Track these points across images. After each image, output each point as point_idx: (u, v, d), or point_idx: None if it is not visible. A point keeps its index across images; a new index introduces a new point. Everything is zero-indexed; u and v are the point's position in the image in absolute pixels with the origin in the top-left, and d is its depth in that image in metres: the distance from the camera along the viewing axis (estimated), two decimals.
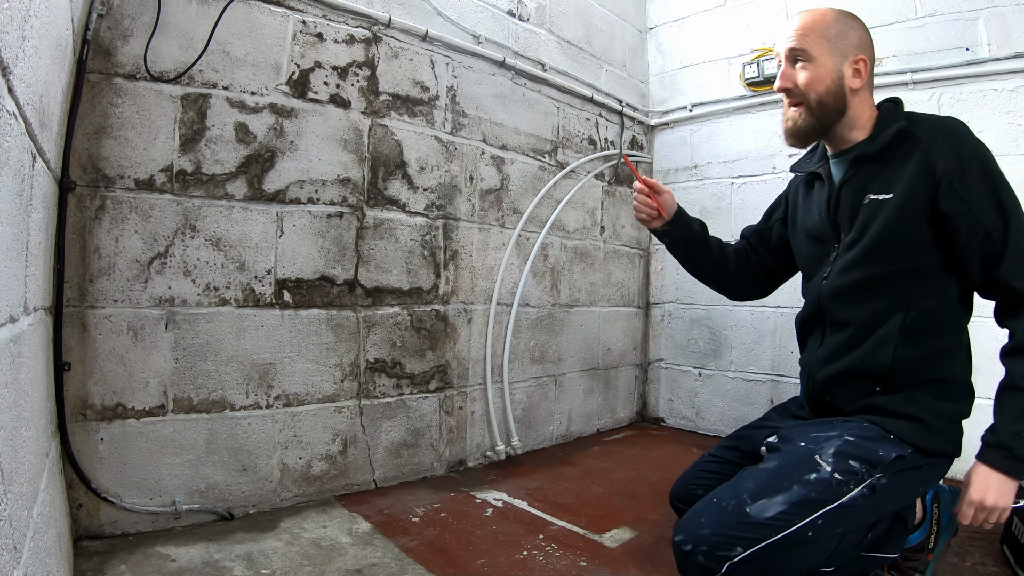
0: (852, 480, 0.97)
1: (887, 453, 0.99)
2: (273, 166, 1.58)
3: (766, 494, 0.96)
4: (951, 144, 1.01)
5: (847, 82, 1.08)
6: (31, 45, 0.73)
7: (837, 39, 1.07)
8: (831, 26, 1.07)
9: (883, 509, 1.03)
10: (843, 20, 1.09)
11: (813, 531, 0.95)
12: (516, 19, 2.23)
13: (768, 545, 0.93)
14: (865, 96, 1.11)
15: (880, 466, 0.98)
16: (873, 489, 0.98)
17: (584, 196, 2.51)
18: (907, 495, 1.06)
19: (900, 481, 1.01)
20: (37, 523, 0.77)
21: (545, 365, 2.35)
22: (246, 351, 1.54)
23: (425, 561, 1.32)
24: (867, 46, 1.09)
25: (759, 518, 0.93)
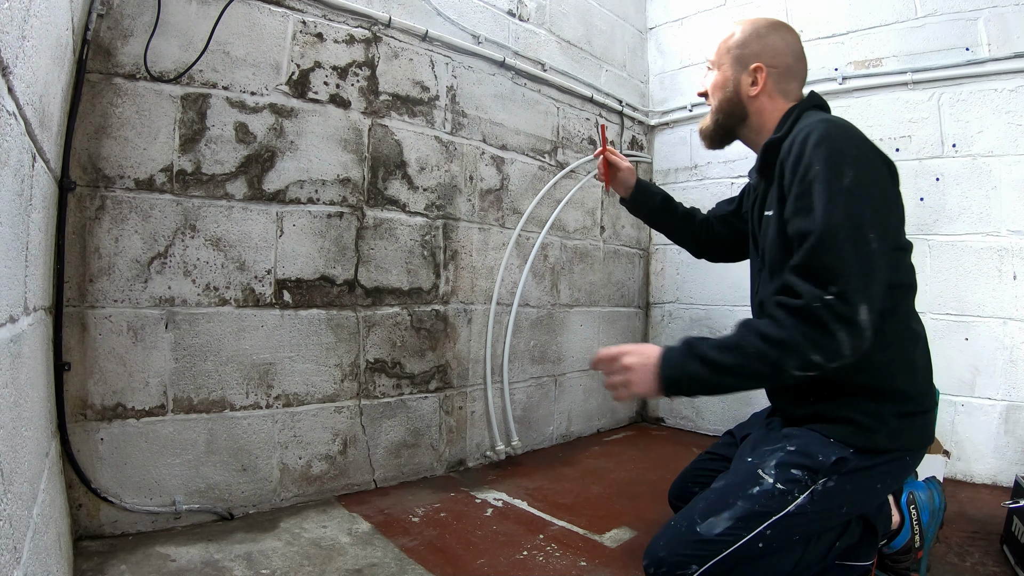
0: (796, 488, 0.98)
1: (827, 457, 0.99)
2: (273, 166, 1.58)
3: (714, 512, 0.99)
4: (798, 150, 1.00)
5: (744, 89, 1.15)
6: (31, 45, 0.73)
7: (738, 49, 1.16)
8: (736, 39, 1.17)
9: (839, 512, 1.02)
10: (749, 32, 1.16)
11: (764, 542, 0.96)
12: (516, 19, 2.23)
13: (720, 561, 0.96)
14: (767, 102, 1.15)
15: (822, 471, 0.99)
16: (819, 494, 0.98)
17: (584, 196, 2.51)
18: (864, 496, 1.04)
19: (850, 483, 1.00)
20: (37, 523, 0.77)
21: (545, 365, 2.35)
22: (246, 351, 1.54)
23: (425, 561, 1.32)
24: (772, 55, 1.13)
25: (708, 535, 0.97)
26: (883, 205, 0.96)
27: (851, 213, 0.92)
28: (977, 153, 1.96)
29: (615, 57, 2.71)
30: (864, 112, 2.19)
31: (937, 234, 2.04)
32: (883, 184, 0.98)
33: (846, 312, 0.89)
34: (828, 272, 0.91)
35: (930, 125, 2.05)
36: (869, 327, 0.89)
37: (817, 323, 0.90)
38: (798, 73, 1.15)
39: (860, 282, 0.90)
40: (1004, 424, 1.89)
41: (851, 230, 0.91)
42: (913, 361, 1.05)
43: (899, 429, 1.02)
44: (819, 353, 0.90)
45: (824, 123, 1.00)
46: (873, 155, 0.99)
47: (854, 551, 1.09)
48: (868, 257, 0.91)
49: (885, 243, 0.93)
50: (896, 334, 1.02)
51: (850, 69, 2.22)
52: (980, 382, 1.94)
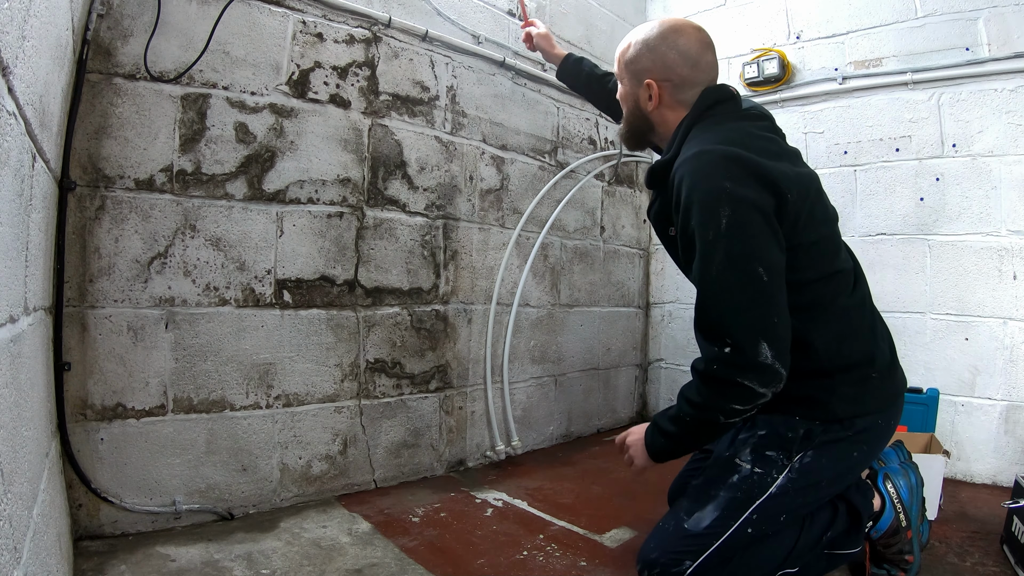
0: (773, 469, 1.01)
1: (796, 433, 1.03)
2: (273, 166, 1.58)
3: (699, 507, 1.03)
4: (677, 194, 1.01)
5: (643, 104, 1.16)
6: (31, 45, 0.73)
7: (631, 65, 1.17)
8: (629, 54, 1.17)
9: (821, 486, 1.04)
10: (639, 47, 1.15)
11: (752, 527, 0.99)
12: (516, 19, 2.23)
13: (714, 552, 0.98)
14: (668, 113, 1.15)
15: (795, 446, 1.02)
16: (797, 471, 1.01)
17: (584, 196, 2.51)
18: (843, 467, 1.06)
19: (826, 456, 1.02)
20: (37, 523, 0.77)
21: (545, 365, 2.35)
22: (246, 351, 1.54)
23: (425, 561, 1.32)
24: (663, 69, 1.12)
25: (696, 530, 1.00)
26: (765, 229, 0.94)
27: (731, 257, 0.93)
28: (977, 153, 1.96)
29: (614, 58, 2.70)
30: (864, 112, 2.19)
31: (937, 234, 2.04)
32: (760, 206, 0.95)
33: (744, 361, 0.93)
34: (718, 327, 0.95)
35: (930, 125, 2.05)
36: (776, 359, 0.92)
37: (722, 383, 0.95)
38: (696, 79, 1.11)
39: (752, 325, 0.93)
40: (1004, 424, 1.89)
41: (733, 275, 0.93)
42: (855, 332, 1.07)
43: (855, 396, 1.04)
44: (737, 402, 0.95)
45: (694, 161, 0.99)
46: (745, 177, 0.95)
47: (842, 540, 1.11)
48: (758, 293, 0.93)
49: (774, 270, 0.94)
50: (833, 315, 1.04)
51: (850, 69, 2.22)
52: (980, 382, 1.94)
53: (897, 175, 2.13)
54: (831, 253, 1.07)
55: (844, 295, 1.07)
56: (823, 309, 1.04)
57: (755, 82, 2.44)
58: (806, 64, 2.34)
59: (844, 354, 1.04)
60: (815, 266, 1.04)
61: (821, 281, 1.05)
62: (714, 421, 0.98)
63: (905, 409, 1.80)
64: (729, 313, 0.94)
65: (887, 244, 2.14)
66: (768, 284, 0.93)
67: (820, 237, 1.05)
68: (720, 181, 0.95)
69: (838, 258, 1.09)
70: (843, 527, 1.10)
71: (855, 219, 2.21)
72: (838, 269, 1.08)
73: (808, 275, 1.02)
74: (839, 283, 1.07)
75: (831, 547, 1.10)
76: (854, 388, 1.04)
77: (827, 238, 1.07)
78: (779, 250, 0.96)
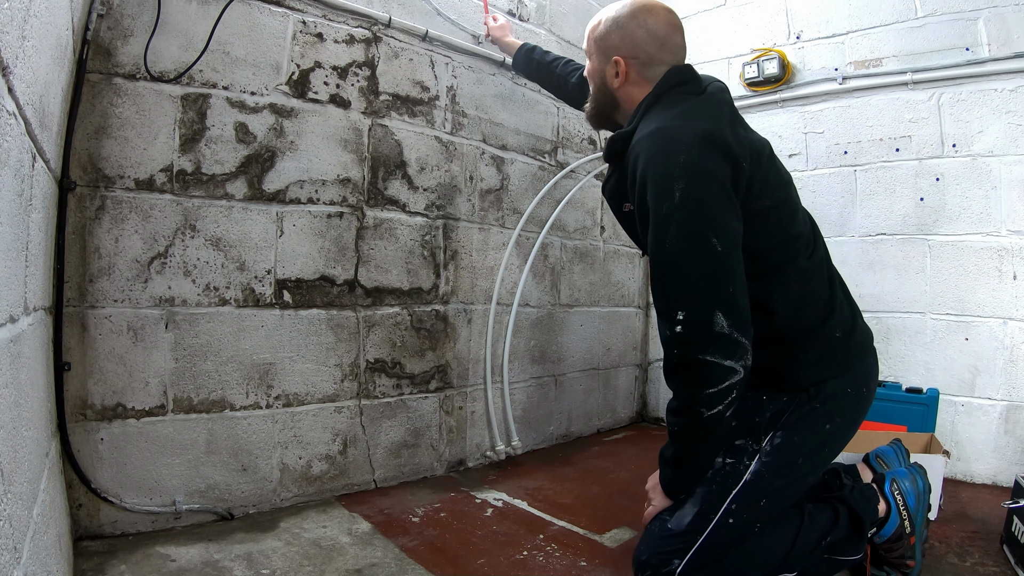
0: (744, 456, 1.02)
1: (762, 416, 1.03)
2: (273, 166, 1.58)
3: (678, 506, 1.04)
4: (632, 171, 1.02)
5: (609, 80, 1.17)
6: (31, 45, 0.73)
7: (600, 41, 1.18)
8: (599, 30, 1.19)
9: (798, 465, 1.04)
10: (609, 24, 1.16)
11: (734, 517, 0.99)
12: (516, 19, 2.23)
13: (700, 548, 0.98)
14: (634, 90, 1.15)
15: (762, 430, 1.02)
16: (768, 454, 1.01)
17: (584, 196, 2.51)
18: (817, 442, 1.05)
19: (797, 434, 1.02)
20: (37, 523, 0.77)
21: (545, 365, 2.35)
22: (246, 351, 1.54)
23: (425, 561, 1.32)
24: (631, 46, 1.13)
25: (679, 528, 1.00)
26: (721, 199, 0.95)
27: (684, 229, 0.93)
28: (977, 153, 1.96)
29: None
30: (864, 112, 2.19)
31: (937, 234, 2.04)
32: (717, 177, 0.95)
33: (699, 334, 0.92)
34: (671, 301, 0.95)
35: (930, 125, 2.05)
36: (734, 329, 0.91)
37: (686, 367, 0.94)
38: (662, 59, 1.13)
39: (704, 296, 0.92)
40: (1004, 424, 1.89)
41: (686, 246, 0.93)
42: (815, 294, 1.07)
43: (817, 360, 1.04)
44: (708, 384, 0.93)
45: (650, 139, 1.00)
46: (700, 149, 0.96)
47: (843, 545, 1.10)
48: (711, 264, 0.93)
49: (729, 240, 0.94)
50: (791, 279, 1.05)
51: (850, 69, 2.22)
52: (980, 382, 1.94)
53: (897, 175, 2.13)
54: (787, 218, 1.08)
55: (802, 258, 1.07)
56: (781, 274, 1.04)
57: (755, 82, 2.44)
58: (806, 64, 2.34)
59: (805, 318, 1.04)
60: (771, 232, 1.04)
61: (778, 247, 1.05)
62: (698, 420, 0.95)
63: (905, 409, 1.81)
64: (681, 285, 0.94)
65: (887, 244, 2.14)
66: (722, 254, 0.93)
67: (775, 202, 1.05)
68: (675, 156, 0.95)
69: (795, 222, 1.09)
70: (844, 532, 1.09)
71: (855, 219, 2.21)
72: (795, 234, 1.08)
73: (765, 241, 1.02)
74: (797, 247, 1.07)
75: (832, 552, 1.10)
76: (817, 352, 1.04)
77: (782, 202, 1.07)
78: (735, 220, 0.96)
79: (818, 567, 1.09)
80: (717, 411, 0.94)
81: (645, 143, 1.00)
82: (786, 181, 1.11)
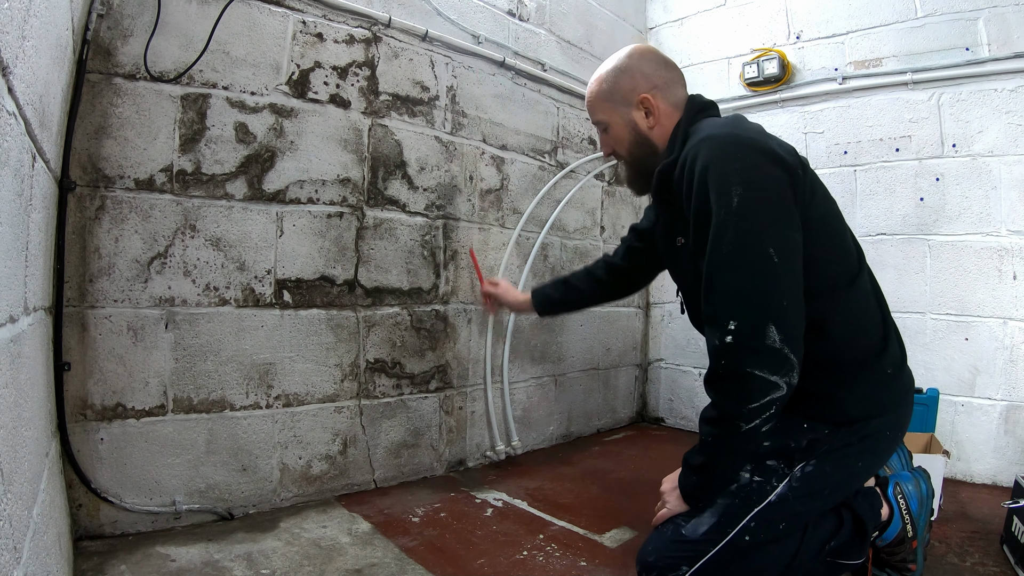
0: (773, 477, 0.99)
1: (799, 442, 1.00)
2: (273, 166, 1.58)
3: (696, 513, 1.01)
4: (688, 178, 0.99)
5: (642, 126, 1.14)
6: (31, 45, 0.73)
7: (614, 95, 1.15)
8: (604, 88, 1.15)
9: (822, 495, 1.02)
10: (614, 74, 1.15)
11: (751, 535, 0.97)
12: (516, 19, 2.23)
13: (711, 559, 0.97)
14: (667, 123, 1.13)
15: (797, 456, 1.00)
16: (798, 480, 0.99)
17: (584, 196, 2.51)
18: (846, 476, 1.04)
19: (829, 464, 1.00)
20: (37, 523, 0.77)
21: (545, 365, 2.35)
22: (246, 351, 1.54)
23: (425, 561, 1.32)
24: (645, 79, 1.12)
25: (693, 536, 0.98)
26: (778, 207, 0.93)
27: (741, 236, 0.91)
28: (977, 153, 1.96)
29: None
30: (864, 112, 2.20)
31: (937, 234, 2.04)
32: (773, 183, 0.94)
33: (750, 345, 0.89)
34: (723, 310, 0.92)
35: (930, 125, 2.05)
36: (785, 344, 0.88)
37: (731, 378, 0.92)
38: (676, 79, 1.14)
39: (759, 305, 0.89)
40: (1004, 424, 1.89)
41: (742, 256, 0.91)
42: (869, 320, 1.05)
43: (867, 395, 1.02)
44: (752, 399, 0.90)
45: (707, 142, 0.98)
46: (754, 156, 0.95)
47: (845, 549, 1.10)
48: (766, 274, 0.90)
49: (787, 251, 0.92)
50: (846, 299, 1.02)
51: (850, 69, 2.22)
52: (980, 382, 1.94)
53: (897, 175, 2.13)
54: (840, 231, 1.06)
55: (858, 277, 1.05)
56: (836, 292, 1.01)
57: (755, 82, 2.44)
58: (806, 64, 2.34)
59: (859, 346, 1.02)
60: (825, 242, 1.01)
61: (832, 260, 1.02)
62: (734, 433, 0.93)
63: None
64: (734, 294, 0.91)
65: (887, 244, 2.14)
66: (778, 265, 0.90)
67: (827, 211, 1.04)
68: (730, 162, 0.94)
69: (845, 237, 1.07)
70: (847, 536, 1.09)
71: (855, 219, 2.21)
72: (847, 248, 1.06)
73: (818, 251, 1.00)
74: (849, 264, 1.05)
75: (834, 556, 1.09)
76: (869, 384, 1.01)
77: (834, 214, 1.06)
78: (794, 230, 0.94)
79: (820, 571, 1.09)
80: (754, 425, 0.92)
81: (699, 149, 0.98)
82: (830, 195, 1.09)
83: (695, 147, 1.00)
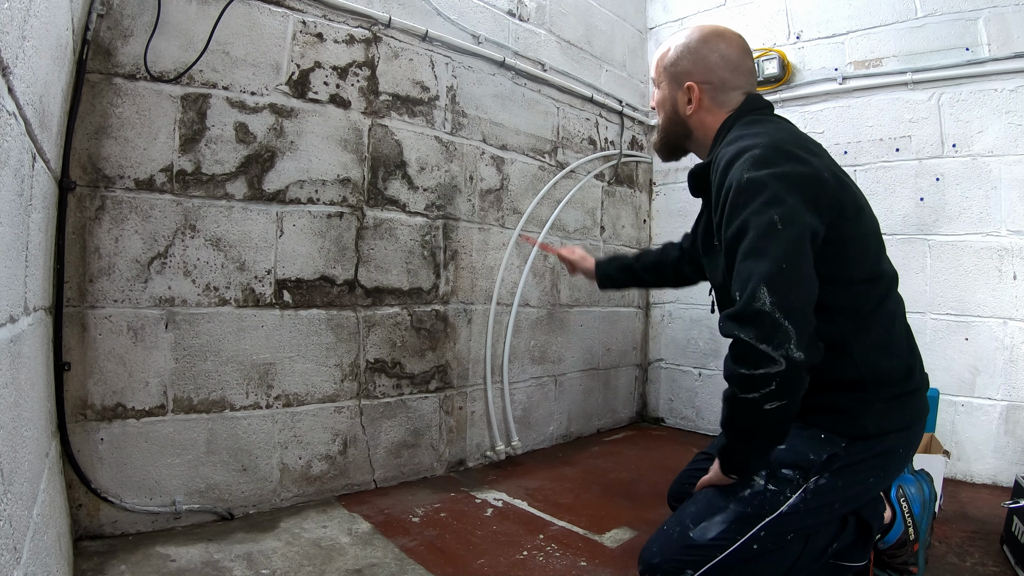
0: (787, 488, 0.98)
1: (818, 455, 0.99)
2: (273, 166, 1.58)
3: (706, 516, 1.00)
4: (718, 180, 0.99)
5: (681, 108, 1.15)
6: (31, 45, 0.73)
7: (671, 68, 1.15)
8: (669, 58, 1.16)
9: (832, 508, 1.02)
10: (680, 50, 1.14)
11: (759, 544, 0.97)
12: (516, 19, 2.23)
13: (716, 564, 0.96)
14: (708, 117, 1.13)
15: (814, 469, 0.99)
16: (811, 492, 0.98)
17: (584, 196, 2.51)
18: (857, 491, 1.04)
19: (842, 479, 1.00)
20: (37, 523, 0.77)
21: (545, 365, 2.35)
22: (246, 351, 1.54)
23: (425, 561, 1.32)
24: (704, 71, 1.11)
25: (701, 540, 0.97)
26: (798, 199, 0.91)
27: (753, 212, 0.90)
28: (977, 153, 1.96)
29: (615, 57, 2.71)
30: (864, 112, 2.19)
31: (937, 234, 2.04)
32: (801, 185, 0.93)
33: (739, 308, 0.86)
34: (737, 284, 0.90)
35: (930, 125, 2.05)
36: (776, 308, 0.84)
37: (731, 345, 0.89)
38: (736, 83, 1.12)
39: (754, 269, 0.87)
40: (1004, 424, 1.89)
41: (749, 222, 0.90)
42: (895, 344, 1.05)
43: (886, 411, 1.01)
44: (742, 364, 0.87)
45: (737, 148, 0.97)
46: (792, 165, 0.93)
47: (849, 551, 1.10)
48: (768, 237, 0.88)
49: (796, 223, 0.89)
50: (874, 322, 1.02)
51: (850, 69, 2.22)
52: (980, 382, 1.94)
53: (897, 175, 2.13)
54: (876, 252, 1.06)
55: (889, 301, 1.05)
56: (865, 314, 1.01)
57: None
58: (806, 64, 2.34)
59: (883, 368, 1.01)
60: (861, 263, 1.02)
61: (867, 282, 1.02)
62: (733, 398, 0.90)
63: None
64: (736, 264, 0.91)
65: (887, 244, 2.13)
66: (782, 232, 0.87)
67: (867, 232, 1.04)
68: (762, 162, 0.93)
69: (882, 258, 1.07)
70: (851, 539, 1.09)
71: None
72: (883, 271, 1.06)
73: (854, 272, 1.00)
74: (883, 288, 1.05)
75: (837, 558, 1.09)
76: (886, 404, 1.01)
77: (874, 235, 1.06)
78: (812, 215, 0.91)
79: (823, 573, 1.09)
80: (752, 398, 0.87)
81: (731, 153, 0.98)
82: (875, 217, 1.09)
83: (728, 151, 0.99)
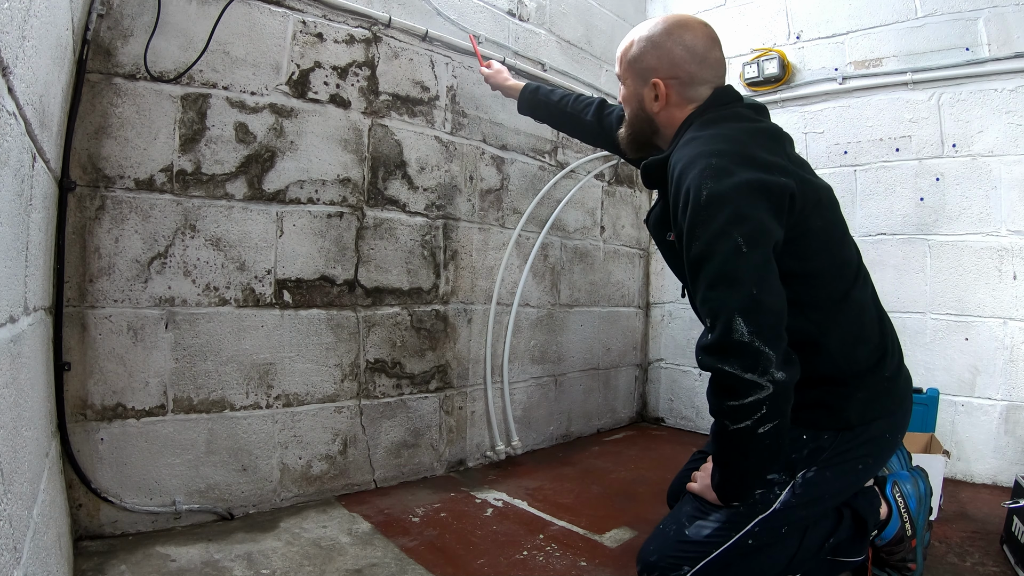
0: (775, 487, 1.00)
1: (800, 453, 1.00)
2: (273, 166, 1.58)
3: (701, 515, 1.02)
4: (674, 188, 0.98)
5: (648, 104, 1.12)
6: (31, 45, 0.73)
7: (635, 64, 1.12)
8: (632, 53, 1.12)
9: (824, 500, 1.02)
10: (643, 44, 1.10)
11: (754, 539, 0.98)
12: (516, 19, 2.23)
13: (713, 560, 0.97)
14: (676, 112, 1.10)
15: (799, 464, 1.00)
16: (800, 487, 0.99)
17: (584, 196, 2.51)
18: (847, 481, 1.04)
19: (830, 470, 1.01)
20: (37, 523, 0.77)
21: (545, 365, 2.35)
22: (246, 351, 1.54)
23: (425, 561, 1.32)
24: (669, 66, 1.07)
25: (697, 538, 0.99)
26: (758, 211, 0.90)
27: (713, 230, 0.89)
28: (977, 153, 1.96)
29: (615, 57, 2.70)
30: (864, 112, 2.20)
31: (937, 234, 2.04)
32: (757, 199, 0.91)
33: (717, 341, 0.86)
34: (699, 303, 0.91)
35: (930, 125, 2.05)
36: (755, 337, 0.84)
37: (711, 377, 0.90)
38: (704, 77, 1.08)
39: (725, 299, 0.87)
40: (1004, 424, 1.89)
41: (712, 245, 0.88)
42: (868, 331, 1.04)
43: (868, 400, 1.02)
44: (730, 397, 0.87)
45: (693, 152, 0.96)
46: (751, 172, 0.92)
47: (846, 547, 1.11)
48: (734, 262, 0.87)
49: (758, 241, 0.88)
50: (845, 313, 1.01)
51: (850, 69, 2.22)
52: (980, 382, 1.94)
53: (897, 175, 2.13)
54: (837, 240, 1.04)
55: (856, 289, 1.04)
56: (835, 306, 1.00)
57: (755, 82, 2.44)
58: (806, 64, 2.34)
59: (859, 357, 1.01)
60: (824, 253, 1.00)
61: (831, 272, 1.01)
62: (724, 431, 0.91)
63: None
64: (706, 288, 0.89)
65: (887, 244, 2.15)
66: (747, 255, 0.86)
67: (826, 223, 1.02)
68: (714, 169, 0.91)
69: (844, 245, 1.05)
70: (847, 534, 1.10)
71: (855, 219, 2.21)
72: (846, 258, 1.05)
73: (817, 264, 0.98)
74: (849, 274, 1.04)
75: (834, 553, 1.10)
76: (868, 392, 1.01)
77: (832, 224, 1.04)
78: (772, 225, 0.90)
79: (821, 568, 1.10)
80: (744, 426, 0.87)
81: (685, 158, 0.96)
82: (835, 202, 1.07)
83: (681, 162, 0.97)
